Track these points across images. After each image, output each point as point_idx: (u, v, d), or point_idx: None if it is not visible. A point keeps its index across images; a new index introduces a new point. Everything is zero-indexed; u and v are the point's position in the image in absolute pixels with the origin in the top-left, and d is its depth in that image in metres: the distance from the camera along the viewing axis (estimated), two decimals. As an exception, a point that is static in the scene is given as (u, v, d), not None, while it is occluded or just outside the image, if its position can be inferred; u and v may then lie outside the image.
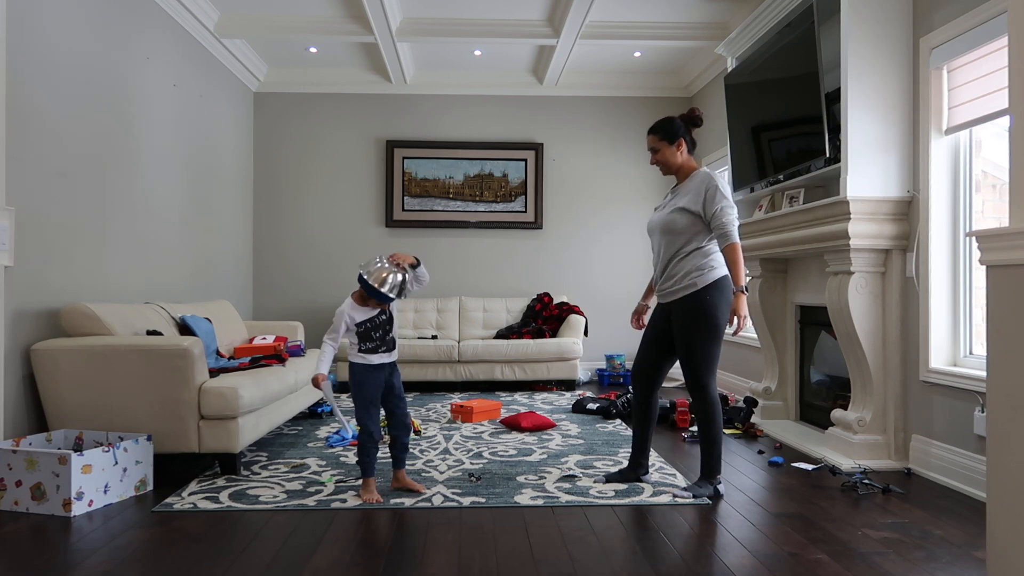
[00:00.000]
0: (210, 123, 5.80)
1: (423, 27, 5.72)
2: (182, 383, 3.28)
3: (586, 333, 6.49)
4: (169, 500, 3.04)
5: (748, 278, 4.95)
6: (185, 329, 4.13)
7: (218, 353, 4.32)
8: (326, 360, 3.07)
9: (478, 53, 6.40)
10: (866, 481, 3.24)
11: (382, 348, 3.10)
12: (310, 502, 3.02)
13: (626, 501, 3.05)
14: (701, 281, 3.09)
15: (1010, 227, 1.86)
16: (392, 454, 3.21)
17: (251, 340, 4.82)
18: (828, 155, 3.89)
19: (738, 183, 5.00)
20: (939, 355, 3.47)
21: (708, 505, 3.03)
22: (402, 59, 6.32)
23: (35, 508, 2.90)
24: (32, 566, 2.36)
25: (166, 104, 4.95)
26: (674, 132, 3.24)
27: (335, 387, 6.08)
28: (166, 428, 3.30)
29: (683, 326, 3.13)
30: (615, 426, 4.69)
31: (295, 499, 3.06)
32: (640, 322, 3.49)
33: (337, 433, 4.16)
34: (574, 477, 3.43)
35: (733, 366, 6.01)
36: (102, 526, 2.75)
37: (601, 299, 7.19)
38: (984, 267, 1.97)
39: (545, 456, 3.85)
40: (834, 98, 3.91)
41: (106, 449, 3.00)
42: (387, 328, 3.11)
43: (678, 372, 6.48)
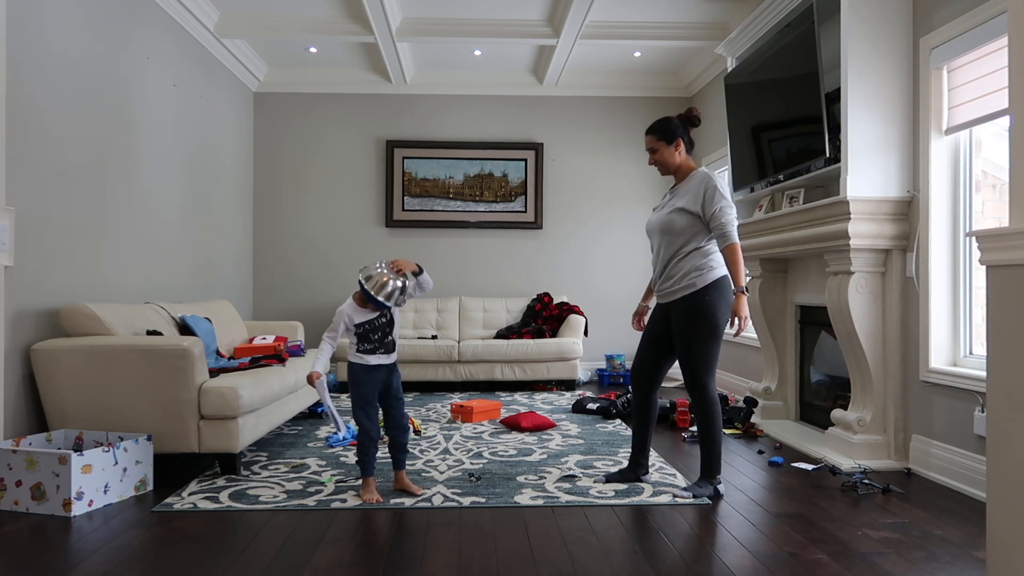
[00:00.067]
0: (210, 123, 5.80)
1: (423, 27, 5.73)
2: (182, 383, 3.28)
3: (586, 333, 6.49)
4: (169, 500, 3.04)
5: (748, 278, 4.95)
6: (185, 329, 4.13)
7: (218, 353, 4.32)
8: (323, 359, 3.08)
9: (478, 53, 6.40)
10: (866, 481, 3.24)
11: (380, 350, 3.10)
12: (310, 502, 3.02)
13: (626, 501, 3.05)
14: (700, 281, 3.09)
15: (1010, 227, 1.86)
16: (391, 455, 3.21)
17: (251, 340, 4.83)
18: (828, 155, 3.89)
19: (738, 183, 5.00)
20: (939, 355, 3.48)
21: (708, 505, 3.03)
22: (402, 59, 6.32)
23: (35, 508, 2.90)
24: (32, 566, 2.36)
25: (166, 104, 4.95)
26: (672, 132, 3.24)
27: (335, 387, 6.09)
28: (166, 428, 3.30)
29: (682, 326, 3.13)
30: (615, 426, 4.69)
31: (295, 499, 3.06)
32: (641, 323, 3.49)
33: (336, 433, 4.16)
34: (574, 477, 3.43)
35: (733, 366, 6.01)
36: (102, 526, 2.75)
37: (601, 299, 7.19)
38: (984, 267, 1.97)
39: (545, 456, 3.85)
40: (834, 98, 3.91)
41: (106, 449, 3.00)
42: (387, 330, 3.11)
43: (678, 372, 6.48)
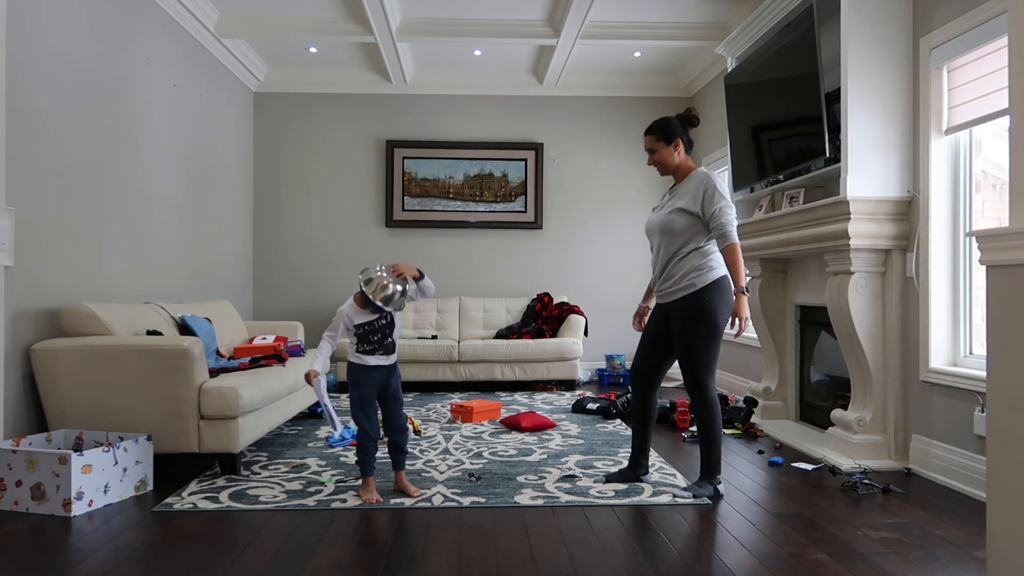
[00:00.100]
0: (210, 123, 5.80)
1: (423, 27, 5.73)
2: (182, 383, 3.28)
3: (586, 333, 6.49)
4: (169, 500, 3.04)
5: (748, 278, 4.94)
6: (185, 329, 4.13)
7: (218, 353, 4.32)
8: (321, 357, 3.09)
9: (478, 53, 6.40)
10: (866, 481, 3.24)
11: (379, 351, 3.09)
12: (310, 502, 3.02)
13: (626, 501, 3.05)
14: (700, 281, 3.09)
15: (1010, 227, 1.86)
16: (389, 455, 3.21)
17: (251, 340, 4.83)
18: (828, 155, 3.89)
19: (738, 183, 5.00)
20: (939, 355, 3.48)
21: (708, 505, 3.03)
22: (402, 59, 6.32)
23: (35, 508, 2.90)
24: (32, 566, 2.36)
25: (166, 104, 4.95)
26: (671, 132, 3.24)
27: (335, 387, 6.09)
28: (166, 428, 3.30)
29: (682, 326, 3.13)
30: (615, 426, 4.69)
31: (295, 499, 3.06)
32: (642, 324, 3.48)
33: (333, 433, 4.15)
34: (574, 477, 3.43)
35: (733, 366, 6.01)
36: (102, 526, 2.75)
37: (601, 299, 7.19)
38: (984, 267, 1.97)
39: (545, 456, 3.85)
40: (834, 98, 3.91)
41: (106, 449, 3.00)
42: (387, 332, 3.10)
43: (678, 372, 6.48)
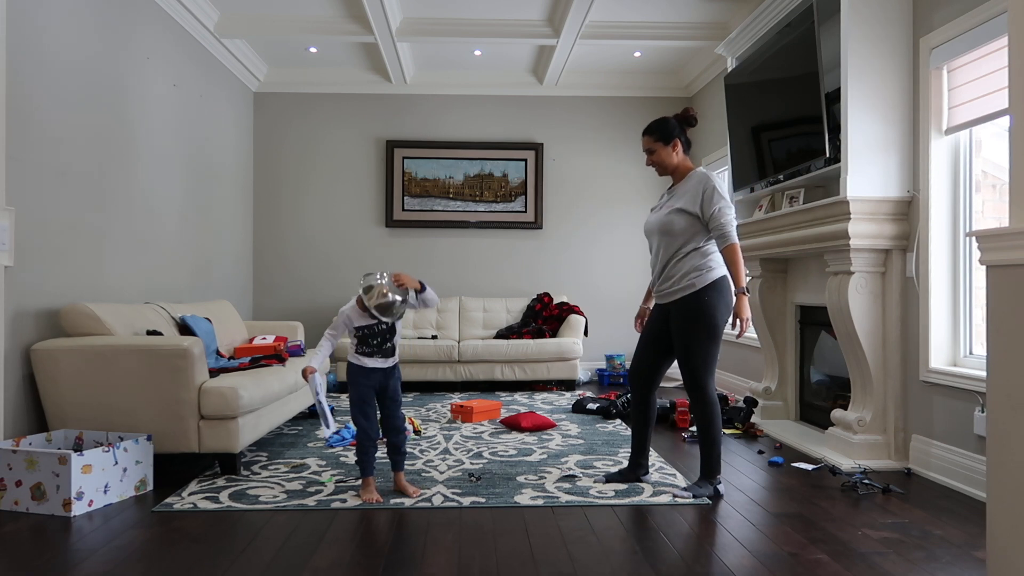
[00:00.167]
0: (210, 123, 5.80)
1: (423, 27, 5.72)
2: (182, 383, 3.28)
3: (586, 333, 6.49)
4: (169, 500, 3.04)
5: (748, 278, 4.94)
6: (185, 329, 4.13)
7: (218, 353, 4.32)
8: (319, 355, 3.10)
9: (478, 53, 6.40)
10: (866, 481, 3.24)
11: (377, 354, 3.10)
12: (310, 502, 3.02)
13: (626, 501, 3.05)
14: (700, 282, 3.09)
15: (1010, 227, 1.86)
16: (388, 456, 3.21)
17: (251, 340, 4.83)
18: (828, 155, 3.89)
19: (738, 183, 5.00)
20: (939, 355, 3.47)
21: (708, 505, 3.03)
22: (402, 59, 6.32)
23: (35, 508, 2.90)
24: (32, 566, 2.36)
25: (166, 104, 4.95)
26: (669, 132, 3.24)
27: (335, 387, 6.09)
28: (166, 428, 3.30)
29: (681, 327, 3.13)
30: (615, 426, 4.69)
31: (295, 499, 3.06)
32: (643, 326, 3.48)
33: (337, 433, 4.15)
34: (574, 477, 3.43)
35: (733, 366, 6.01)
36: (102, 526, 2.75)
37: (601, 299, 7.19)
38: (984, 267, 1.97)
39: (545, 456, 3.85)
40: (834, 98, 3.91)
41: (106, 449, 3.00)
42: (386, 336, 3.10)
43: (677, 372, 6.48)
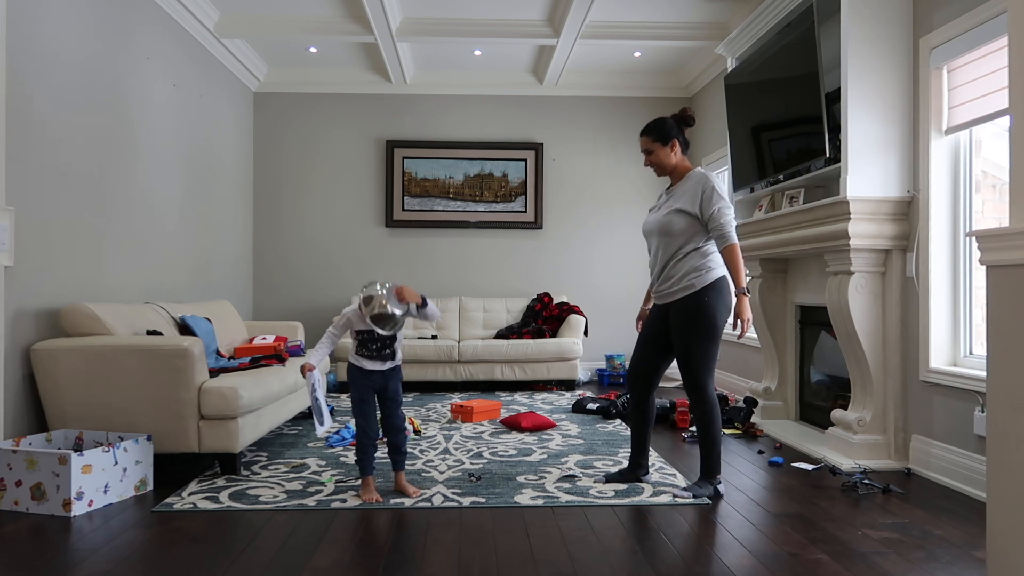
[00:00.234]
0: (210, 123, 5.80)
1: (423, 27, 5.73)
2: (182, 383, 3.28)
3: (586, 333, 6.49)
4: (169, 500, 3.04)
5: (748, 278, 4.94)
6: (185, 329, 4.13)
7: (218, 353, 4.32)
8: (319, 352, 3.11)
9: (478, 53, 6.40)
10: (866, 481, 3.24)
11: (376, 358, 3.10)
12: (310, 502, 3.02)
13: (626, 501, 3.05)
14: (699, 282, 3.09)
15: (1010, 227, 1.86)
16: (389, 455, 3.21)
17: (251, 340, 4.83)
18: (828, 155, 3.89)
19: (738, 183, 5.00)
20: (939, 355, 3.47)
21: (708, 505, 3.03)
22: (402, 59, 6.32)
23: (35, 508, 2.90)
24: (32, 566, 2.36)
25: (166, 104, 4.95)
26: (667, 133, 3.24)
27: (335, 387, 6.09)
28: (166, 428, 3.30)
29: (681, 327, 3.13)
30: (615, 426, 4.69)
31: (295, 499, 3.06)
32: (644, 327, 3.48)
33: (337, 433, 4.16)
34: (574, 477, 3.43)
35: (733, 366, 6.01)
36: (102, 526, 2.75)
37: (601, 299, 7.19)
38: (984, 267, 1.97)
39: (545, 456, 3.85)
40: (834, 98, 3.91)
41: (106, 449, 3.00)
42: (386, 342, 3.09)
43: (677, 372, 6.48)
